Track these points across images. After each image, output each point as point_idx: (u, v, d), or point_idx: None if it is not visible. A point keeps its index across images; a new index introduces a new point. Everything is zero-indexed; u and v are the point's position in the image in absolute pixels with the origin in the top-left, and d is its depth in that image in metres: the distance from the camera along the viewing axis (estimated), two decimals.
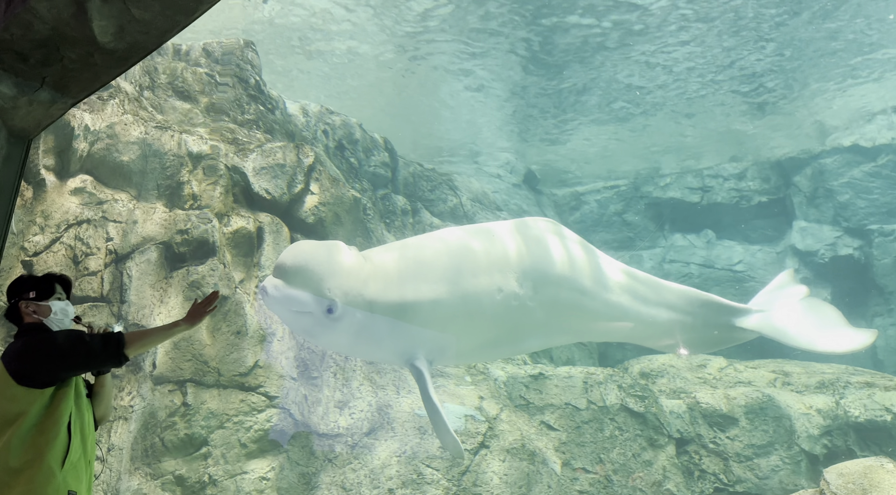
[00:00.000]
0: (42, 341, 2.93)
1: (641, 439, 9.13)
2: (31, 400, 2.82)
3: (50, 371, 2.86)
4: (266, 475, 7.50)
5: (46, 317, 3.04)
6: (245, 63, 10.59)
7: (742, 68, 15.65)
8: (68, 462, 2.81)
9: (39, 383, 2.84)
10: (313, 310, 4.19)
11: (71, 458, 2.83)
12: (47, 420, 2.82)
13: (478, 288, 4.87)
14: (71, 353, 2.89)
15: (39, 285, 3.08)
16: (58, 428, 2.82)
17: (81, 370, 2.98)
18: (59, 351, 2.88)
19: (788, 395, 9.49)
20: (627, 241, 16.83)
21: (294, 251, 4.36)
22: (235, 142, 9.28)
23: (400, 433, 8.38)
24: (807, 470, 8.85)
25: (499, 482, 8.22)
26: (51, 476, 2.75)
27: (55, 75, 3.12)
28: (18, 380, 2.83)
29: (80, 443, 2.90)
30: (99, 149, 8.38)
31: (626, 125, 17.74)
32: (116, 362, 2.99)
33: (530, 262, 5.28)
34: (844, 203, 15.49)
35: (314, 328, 4.37)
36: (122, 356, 2.96)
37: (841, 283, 14.98)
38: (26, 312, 3.03)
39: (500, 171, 17.22)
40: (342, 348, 4.62)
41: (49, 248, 7.89)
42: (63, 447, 2.82)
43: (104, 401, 3.19)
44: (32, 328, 3.03)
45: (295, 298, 4.15)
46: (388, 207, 12.79)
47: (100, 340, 2.96)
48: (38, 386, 2.84)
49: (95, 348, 2.92)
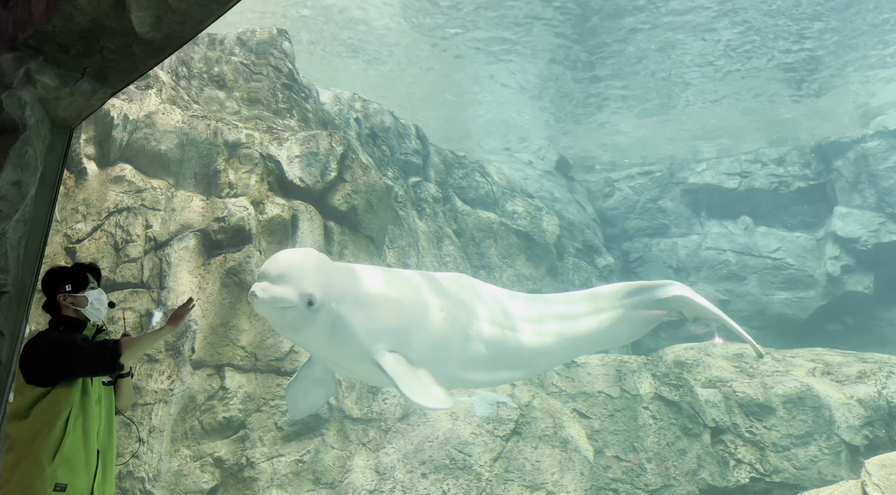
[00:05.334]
0: (45, 346, 3.05)
1: (676, 428, 9.04)
2: (34, 397, 2.98)
3: (48, 373, 3.00)
4: (302, 458, 7.64)
5: (84, 307, 3.17)
6: (279, 51, 10.68)
7: (785, 50, 15.20)
8: (60, 456, 2.92)
9: (40, 382, 2.99)
10: (297, 304, 4.80)
11: (64, 453, 2.93)
12: (43, 415, 2.96)
13: (424, 298, 5.63)
14: (67, 361, 3.01)
15: (74, 277, 3.20)
16: (52, 424, 2.94)
17: (78, 376, 3.08)
18: (55, 358, 3.00)
19: (828, 385, 9.28)
20: (662, 228, 16.58)
21: (275, 258, 5.03)
22: (270, 130, 9.38)
23: (432, 419, 8.44)
24: (847, 461, 8.66)
25: (531, 468, 8.23)
26: (39, 468, 2.89)
27: (95, 66, 3.18)
28: (26, 379, 3.01)
29: (80, 438, 3.00)
30: (137, 138, 8.55)
31: (663, 109, 17.41)
32: (110, 370, 3.10)
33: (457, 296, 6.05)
34: (888, 188, 14.99)
35: (297, 322, 4.90)
36: (117, 365, 3.07)
37: (884, 271, 14.54)
38: (65, 305, 3.16)
39: (532, 158, 17.09)
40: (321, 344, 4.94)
41: (91, 236, 8.11)
42: (56, 441, 2.93)
43: (122, 398, 3.31)
44: (64, 320, 3.15)
45: (281, 296, 4.77)
46: (420, 195, 12.81)
47: (94, 351, 3.06)
48: (42, 385, 2.99)
49: (88, 358, 3.03)
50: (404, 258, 11.41)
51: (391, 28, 15.16)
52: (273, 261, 4.94)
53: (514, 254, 13.51)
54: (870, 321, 14.69)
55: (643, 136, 18.29)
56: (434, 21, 14.69)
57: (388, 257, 10.93)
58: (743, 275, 15.48)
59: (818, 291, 14.87)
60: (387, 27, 15.13)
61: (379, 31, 15.33)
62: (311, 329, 4.96)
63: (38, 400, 2.98)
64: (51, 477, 2.92)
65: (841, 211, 15.18)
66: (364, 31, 15.37)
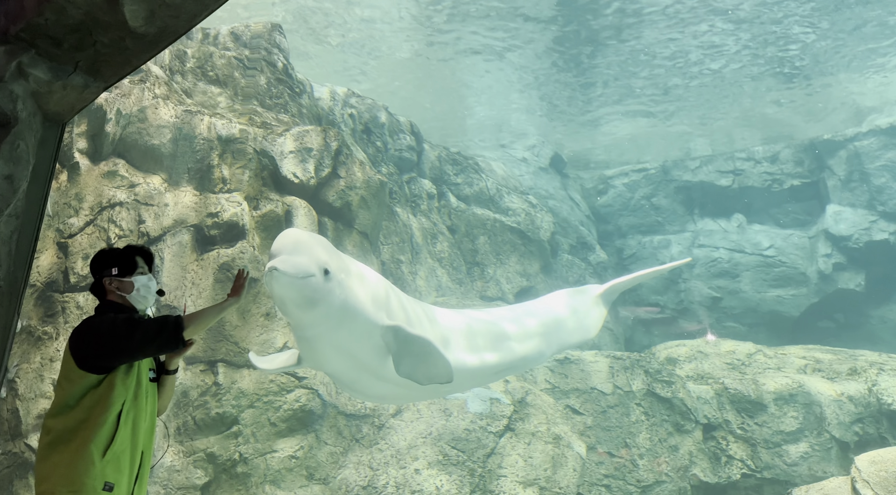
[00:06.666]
0: (100, 325, 2.84)
1: (668, 424, 9.09)
2: (87, 385, 2.77)
3: (105, 357, 2.79)
4: (295, 454, 7.64)
5: (129, 293, 2.98)
6: (273, 46, 10.64)
7: (779, 48, 15.25)
8: (111, 452, 2.73)
9: (95, 368, 2.79)
10: (316, 274, 4.84)
11: (114, 448, 2.74)
12: (97, 406, 2.75)
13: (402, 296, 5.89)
14: (126, 339, 2.79)
15: (121, 261, 3.00)
16: (106, 416, 2.74)
17: (138, 356, 2.88)
18: (114, 337, 2.79)
19: (819, 382, 9.34)
20: (656, 226, 16.63)
21: (285, 235, 5.08)
22: (264, 125, 9.36)
23: (426, 415, 8.45)
24: (837, 457, 8.73)
25: (523, 464, 8.26)
26: (90, 464, 2.68)
27: (88, 59, 3.17)
28: (78, 364, 2.80)
29: (129, 434, 2.81)
30: (130, 133, 8.51)
31: (656, 107, 17.45)
32: (174, 346, 2.88)
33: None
34: (880, 186, 15.08)
35: (315, 293, 4.91)
36: (180, 339, 2.87)
37: (875, 269, 14.64)
38: (110, 289, 2.97)
39: (527, 155, 17.10)
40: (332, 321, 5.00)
41: (83, 231, 8.07)
42: (108, 436, 2.74)
43: (164, 396, 3.12)
44: (111, 306, 2.96)
45: (302, 266, 4.78)
46: (415, 191, 12.80)
47: (155, 324, 2.85)
48: (95, 371, 2.78)
49: (150, 333, 2.82)
50: (398, 254, 11.42)
51: (387, 22, 15.14)
52: (284, 237, 4.98)
53: (507, 251, 13.53)
54: (861, 318, 14.79)
55: (637, 133, 18.33)
56: (429, 13, 14.67)
57: (382, 253, 10.93)
58: (735, 272, 15.56)
59: (810, 289, 14.96)
60: (383, 21, 15.10)
61: (375, 25, 15.30)
62: (326, 302, 4.96)
63: (90, 389, 2.77)
64: (101, 475, 2.70)
65: (833, 209, 15.26)
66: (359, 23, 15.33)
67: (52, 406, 2.83)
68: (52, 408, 2.82)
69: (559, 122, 18.09)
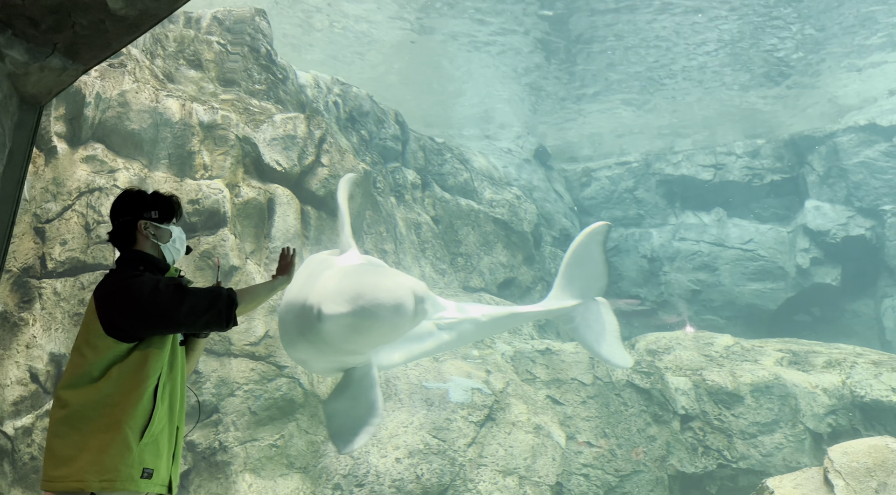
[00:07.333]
0: (141, 288, 2.39)
1: (646, 415, 9.20)
2: (114, 354, 2.36)
3: (140, 325, 2.38)
4: (276, 442, 7.63)
5: (165, 242, 2.57)
6: (256, 32, 10.51)
7: (762, 45, 15.36)
8: (148, 434, 2.35)
9: (128, 336, 2.38)
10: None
11: (152, 430, 2.37)
12: (129, 381, 2.35)
13: None
14: (171, 310, 2.38)
15: (162, 205, 2.61)
16: (140, 392, 2.35)
17: (181, 330, 2.49)
18: (157, 304, 2.37)
19: (795, 374, 9.50)
20: (637, 218, 16.75)
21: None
22: (247, 112, 9.26)
23: (407, 404, 8.47)
24: (811, 448, 8.90)
25: (504, 454, 8.32)
26: (125, 449, 2.30)
27: (66, 41, 3.10)
28: (107, 330, 2.37)
29: (166, 412, 2.43)
30: (110, 117, 8.38)
31: (640, 100, 17.52)
32: (223, 325, 2.49)
33: None
34: (858, 182, 15.30)
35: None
36: (232, 318, 2.49)
37: (851, 264, 14.88)
38: (143, 234, 2.55)
39: (512, 147, 17.10)
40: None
41: (61, 216, 7.95)
42: (144, 416, 2.36)
43: (192, 360, 2.74)
44: (141, 257, 2.52)
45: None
46: (399, 181, 12.76)
47: (208, 297, 2.45)
48: (127, 340, 2.38)
49: (201, 306, 2.42)
50: (382, 244, 11.39)
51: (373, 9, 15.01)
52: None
53: (491, 242, 13.55)
54: (836, 312, 15.05)
55: (621, 127, 18.41)
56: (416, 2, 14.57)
57: (365, 243, 10.89)
58: (715, 265, 15.73)
59: (788, 283, 15.18)
60: (369, 8, 14.97)
61: (358, 13, 15.16)
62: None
63: (118, 359, 2.35)
64: (138, 461, 2.32)
65: (812, 204, 15.47)
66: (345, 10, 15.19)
67: (67, 374, 2.42)
68: (69, 378, 2.40)
69: (544, 113, 18.11)
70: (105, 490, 2.28)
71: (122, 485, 2.30)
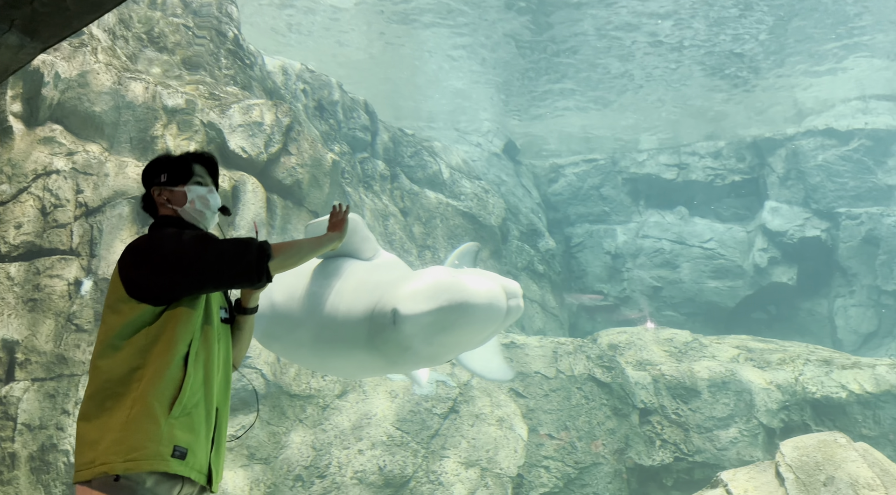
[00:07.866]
0: (162, 241, 2.21)
1: (606, 408, 9.35)
2: (139, 319, 2.14)
3: (167, 284, 2.15)
4: (235, 433, 7.54)
5: (181, 206, 2.35)
6: (224, 15, 10.30)
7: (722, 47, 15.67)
8: (178, 406, 2.07)
9: (153, 298, 2.15)
10: None
11: (183, 401, 2.09)
12: (155, 347, 2.11)
13: None
14: (195, 261, 2.15)
15: (173, 167, 2.41)
16: (168, 359, 2.09)
17: (208, 286, 2.21)
18: (180, 256, 2.15)
19: (750, 370, 9.76)
20: (603, 215, 16.96)
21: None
22: (212, 97, 9.08)
23: (371, 396, 8.46)
24: (764, 442, 9.17)
25: (467, 446, 8.37)
26: (152, 424, 2.03)
27: (24, 18, 2.99)
28: (129, 291, 2.16)
29: (201, 383, 2.16)
30: (70, 98, 8.13)
31: (607, 100, 17.71)
32: (254, 278, 2.20)
33: None
34: (815, 185, 15.76)
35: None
36: (264, 270, 2.20)
37: (806, 264, 15.33)
38: (160, 202, 2.38)
39: (481, 141, 17.13)
40: None
41: (16, 198, 7.69)
42: (174, 386, 2.09)
43: (241, 342, 2.50)
44: (166, 222, 2.35)
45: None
46: (367, 172, 12.68)
47: (235, 247, 2.21)
48: (152, 302, 2.15)
49: (227, 257, 2.17)
50: None
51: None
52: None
53: (459, 235, 13.58)
54: (791, 311, 15.50)
55: (589, 125, 18.59)
56: None
57: None
58: (676, 263, 16.04)
59: (746, 281, 15.56)
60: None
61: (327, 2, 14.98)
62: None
63: (143, 325, 2.12)
64: (168, 436, 2.04)
65: (771, 205, 15.87)
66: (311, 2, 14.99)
67: (97, 343, 2.20)
68: (98, 347, 2.18)
69: (514, 109, 18.18)
70: (131, 470, 1.99)
71: (149, 465, 2.01)
